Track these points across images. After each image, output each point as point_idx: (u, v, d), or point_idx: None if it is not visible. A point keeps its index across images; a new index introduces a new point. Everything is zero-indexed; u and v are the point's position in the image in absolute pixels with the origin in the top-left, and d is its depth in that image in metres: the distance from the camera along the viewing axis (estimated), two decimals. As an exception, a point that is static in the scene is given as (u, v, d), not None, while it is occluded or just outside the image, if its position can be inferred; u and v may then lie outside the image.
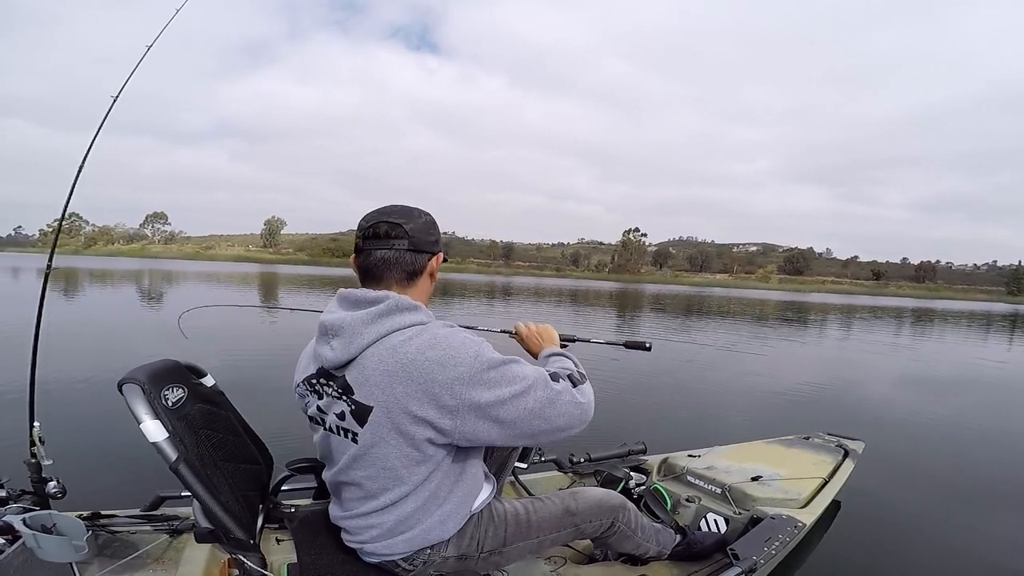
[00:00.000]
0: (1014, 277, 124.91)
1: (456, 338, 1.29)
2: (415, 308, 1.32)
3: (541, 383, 1.29)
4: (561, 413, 1.29)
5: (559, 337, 1.78)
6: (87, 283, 22.69)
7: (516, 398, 1.25)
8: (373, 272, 1.37)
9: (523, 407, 1.25)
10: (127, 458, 3.08)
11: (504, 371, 1.26)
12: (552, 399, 1.28)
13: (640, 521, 1.81)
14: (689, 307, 26.05)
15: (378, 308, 1.29)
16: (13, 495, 1.68)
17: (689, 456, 2.91)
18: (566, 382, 1.34)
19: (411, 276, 1.39)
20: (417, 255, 1.38)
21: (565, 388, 1.32)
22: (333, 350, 1.30)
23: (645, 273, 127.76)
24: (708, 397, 6.47)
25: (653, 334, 13.24)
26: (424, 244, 1.38)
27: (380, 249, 1.35)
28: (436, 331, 1.30)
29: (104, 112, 2.01)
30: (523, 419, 1.26)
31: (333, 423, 1.35)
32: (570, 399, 1.31)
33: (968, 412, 6.37)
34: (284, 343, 8.63)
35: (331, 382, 1.33)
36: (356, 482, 1.36)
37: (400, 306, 1.30)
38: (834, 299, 55.32)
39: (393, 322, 1.29)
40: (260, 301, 18.34)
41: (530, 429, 1.28)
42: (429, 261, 1.41)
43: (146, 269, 41.94)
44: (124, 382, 1.35)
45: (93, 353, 6.94)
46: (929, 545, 2.93)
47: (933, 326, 21.92)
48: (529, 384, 1.27)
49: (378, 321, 1.28)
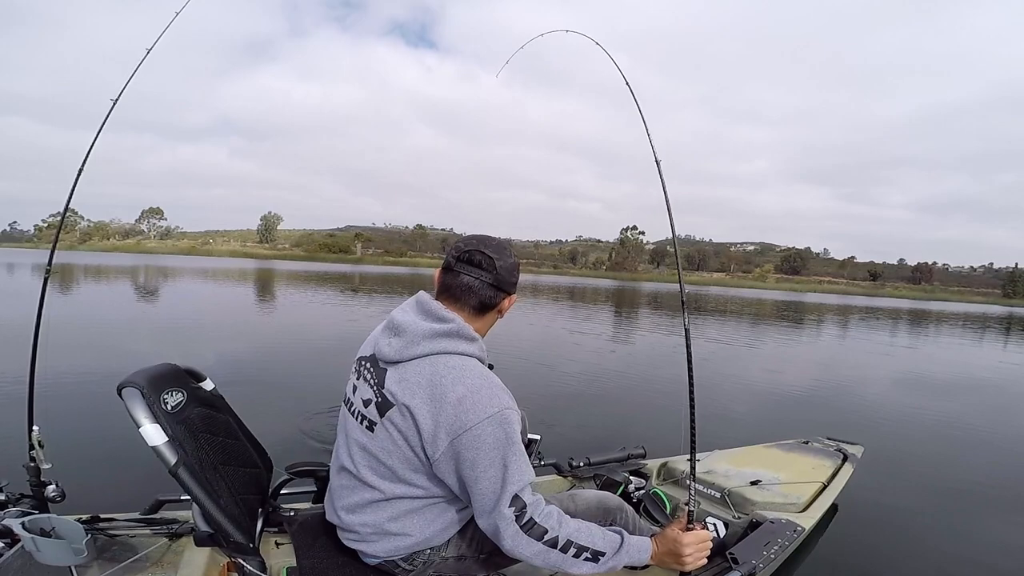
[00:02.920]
0: (1010, 279, 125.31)
1: (488, 389, 1.32)
2: (473, 340, 1.40)
3: (509, 491, 1.28)
4: (492, 526, 1.30)
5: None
6: (81, 279, 22.60)
7: (481, 479, 1.28)
8: (454, 292, 1.43)
9: (480, 488, 1.29)
10: (126, 461, 3.07)
11: (501, 454, 1.29)
12: (505, 517, 1.28)
13: (637, 524, 1.80)
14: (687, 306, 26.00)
15: (443, 327, 1.37)
16: (12, 499, 1.68)
17: (688, 460, 2.90)
18: (536, 519, 1.30)
19: (483, 308, 1.44)
20: (496, 291, 1.43)
21: (510, 522, 1.28)
22: (390, 346, 1.38)
23: (642, 271, 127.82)
24: (707, 401, 6.46)
25: (648, 334, 13.26)
26: (506, 284, 1.44)
27: (468, 275, 1.41)
28: (478, 371, 1.36)
29: (104, 113, 1.99)
30: (475, 495, 1.30)
31: (359, 408, 1.42)
32: (504, 527, 1.28)
33: (966, 416, 6.39)
34: (283, 347, 8.61)
35: (373, 370, 1.41)
36: (357, 471, 1.41)
37: (462, 333, 1.38)
38: (831, 299, 55.45)
39: (449, 345, 1.36)
40: (255, 298, 18.28)
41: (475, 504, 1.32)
42: (503, 300, 1.46)
43: (140, 265, 41.81)
44: (123, 386, 1.36)
45: (91, 354, 6.91)
46: (928, 549, 2.94)
47: (930, 328, 21.99)
48: (500, 481, 1.28)
49: (438, 340, 1.36)
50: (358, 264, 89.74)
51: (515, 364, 7.64)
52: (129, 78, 1.99)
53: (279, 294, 20.06)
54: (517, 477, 1.28)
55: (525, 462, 1.32)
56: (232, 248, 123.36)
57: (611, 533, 1.40)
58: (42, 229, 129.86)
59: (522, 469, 1.30)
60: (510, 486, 1.27)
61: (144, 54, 2.01)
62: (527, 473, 1.31)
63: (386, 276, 43.19)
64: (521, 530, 1.28)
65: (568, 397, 6.03)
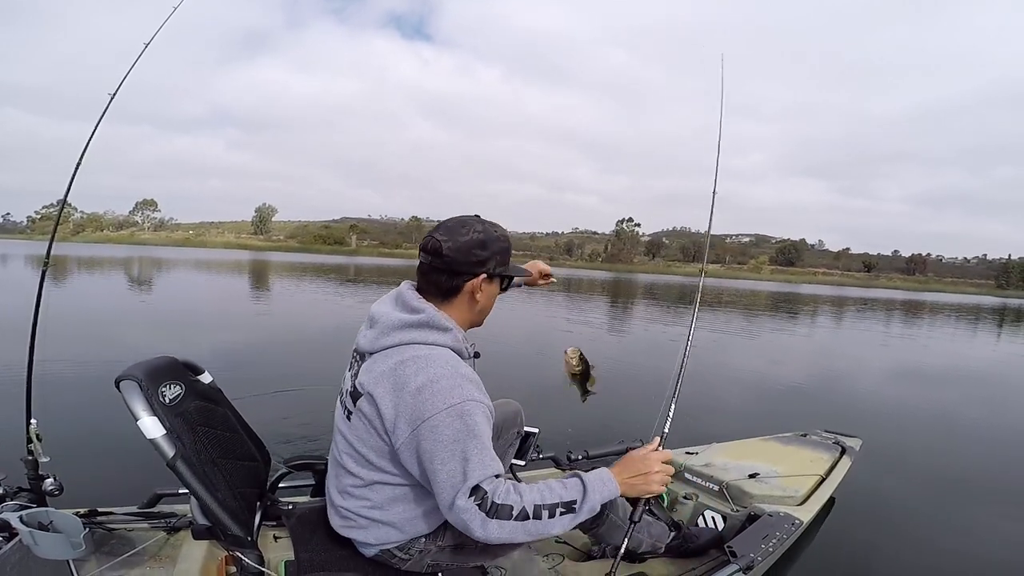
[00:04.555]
0: (1003, 271, 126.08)
1: (450, 380, 1.29)
2: (446, 329, 1.38)
3: (469, 485, 1.23)
4: (458, 520, 1.25)
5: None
6: (75, 271, 22.49)
7: (440, 472, 1.25)
8: (420, 282, 1.45)
9: (440, 481, 1.26)
10: (124, 455, 3.05)
11: (461, 446, 1.25)
12: (464, 509, 1.23)
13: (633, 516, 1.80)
14: (681, 297, 26.13)
15: (413, 318, 1.37)
16: (10, 492, 1.67)
17: (687, 453, 2.91)
18: (498, 501, 1.24)
19: (446, 294, 1.42)
20: (452, 276, 1.40)
21: (474, 513, 1.23)
22: (366, 337, 1.40)
23: (638, 263, 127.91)
24: (705, 394, 6.48)
25: (646, 326, 13.28)
26: (460, 265, 1.39)
27: (423, 263, 1.42)
28: (442, 361, 1.32)
29: (102, 107, 1.97)
30: (436, 489, 1.27)
31: (344, 397, 1.45)
32: (469, 519, 1.24)
33: (963, 407, 6.44)
34: (280, 338, 8.60)
35: (356, 360, 1.43)
36: (340, 458, 1.44)
37: (432, 323, 1.37)
38: (825, 291, 55.64)
39: (419, 335, 1.35)
40: (249, 290, 18.24)
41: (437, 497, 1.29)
42: (467, 283, 1.41)
43: (135, 256, 41.62)
44: (122, 379, 1.35)
45: (88, 347, 6.88)
46: (925, 541, 2.96)
47: (924, 319, 22.09)
48: (461, 474, 1.24)
49: (407, 330, 1.36)
50: (353, 256, 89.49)
51: (512, 355, 7.65)
52: (127, 72, 1.97)
53: (273, 285, 20.01)
54: (479, 471, 1.24)
55: (490, 457, 1.28)
56: (226, 240, 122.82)
57: (569, 479, 1.36)
58: (35, 221, 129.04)
59: (485, 463, 1.26)
60: (470, 480, 1.24)
61: (142, 48, 1.99)
62: (491, 467, 1.27)
63: (381, 268, 43.09)
64: (488, 516, 1.23)
65: (566, 389, 6.02)
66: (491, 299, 1.49)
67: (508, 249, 1.46)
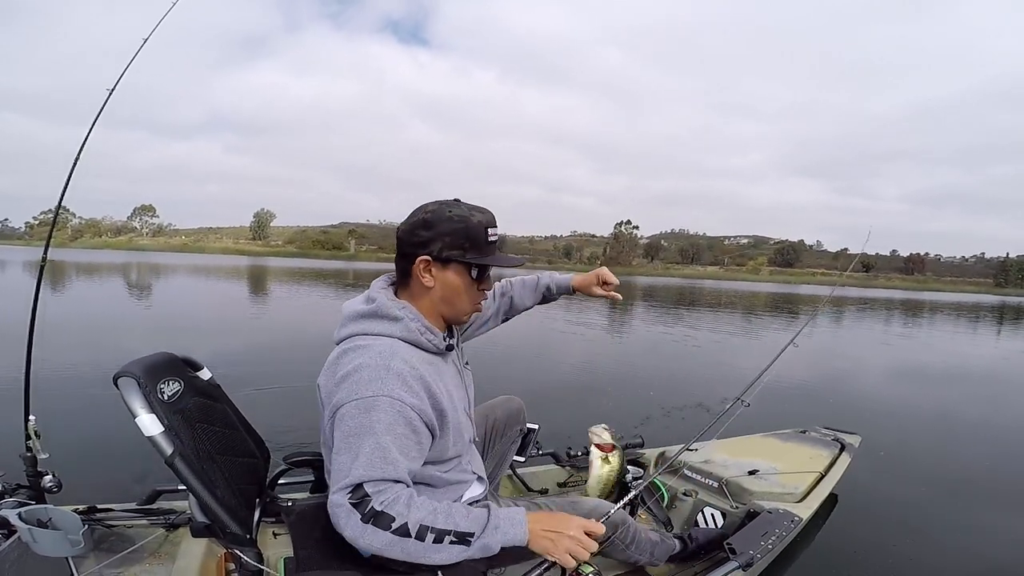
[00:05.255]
0: (1001, 269, 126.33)
1: (373, 371, 1.23)
2: (395, 319, 1.33)
3: (351, 482, 1.17)
4: (333, 515, 1.20)
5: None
6: (73, 277, 22.46)
7: (335, 462, 1.22)
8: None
9: (332, 471, 1.23)
10: (123, 452, 3.05)
11: (357, 441, 1.19)
12: (338, 504, 1.18)
13: (638, 537, 1.77)
14: (680, 299, 26.14)
15: (365, 308, 1.36)
16: (9, 489, 1.68)
17: (686, 450, 2.90)
18: (378, 508, 1.15)
19: (401, 279, 1.40)
20: (401, 258, 1.37)
21: (348, 512, 1.16)
22: (336, 332, 1.39)
23: (636, 265, 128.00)
24: (704, 391, 6.49)
25: (646, 326, 13.28)
26: (405, 246, 1.35)
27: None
28: (376, 352, 1.27)
29: (100, 105, 1.98)
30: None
31: None
32: (342, 517, 1.17)
33: (962, 405, 6.42)
34: (282, 339, 8.59)
35: None
36: (322, 450, 1.43)
37: (379, 313, 1.34)
38: (824, 291, 55.66)
39: (366, 326, 1.33)
40: (249, 295, 18.23)
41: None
42: (411, 265, 1.34)
43: (133, 262, 41.57)
44: (120, 376, 1.34)
45: (86, 347, 6.88)
46: (925, 538, 2.94)
47: (923, 318, 22.10)
48: (347, 470, 1.18)
49: (357, 321, 1.35)
50: (351, 261, 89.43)
51: (512, 355, 7.65)
52: (126, 67, 1.97)
53: (273, 290, 20.00)
54: (365, 471, 1.16)
55: (386, 459, 1.18)
56: (225, 245, 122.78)
57: (477, 510, 1.25)
58: (33, 227, 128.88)
59: (375, 463, 1.17)
60: (352, 477, 1.16)
61: (141, 43, 1.99)
62: (382, 469, 1.17)
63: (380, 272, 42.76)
64: (363, 521, 1.15)
65: (566, 387, 6.04)
66: (452, 289, 1.36)
67: (461, 230, 1.31)
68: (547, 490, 2.63)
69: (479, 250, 1.34)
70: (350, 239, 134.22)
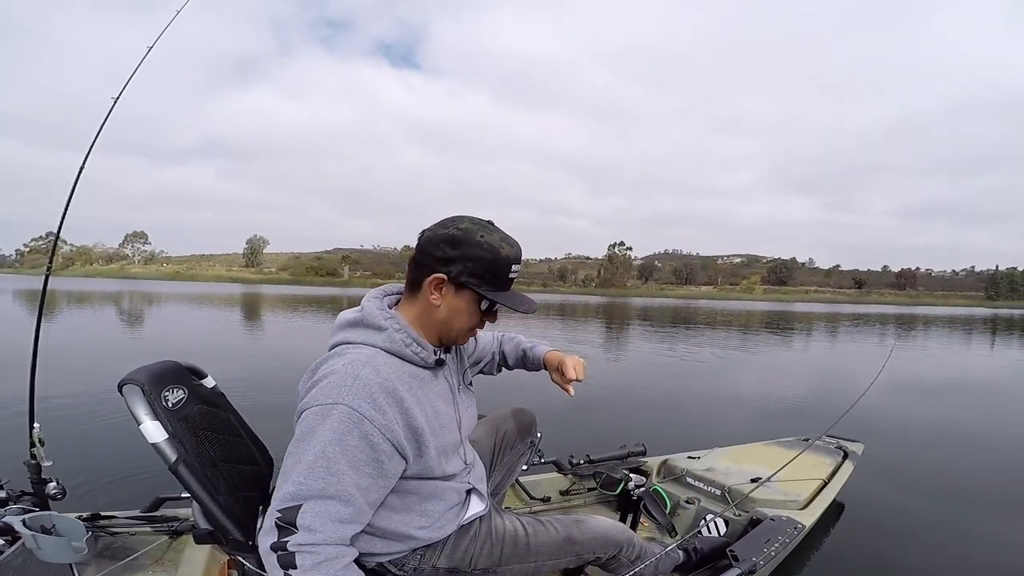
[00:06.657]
0: (992, 282, 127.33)
1: (343, 379, 1.18)
2: (379, 329, 1.27)
3: (283, 493, 1.11)
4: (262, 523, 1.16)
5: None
6: (64, 306, 22.33)
7: (284, 464, 1.17)
8: None
9: (283, 466, 1.17)
10: (127, 459, 3.03)
11: (305, 446, 1.13)
12: (269, 515, 1.13)
13: (644, 554, 1.74)
14: (676, 318, 26.21)
15: (351, 317, 1.33)
16: (13, 496, 1.68)
17: (689, 458, 2.90)
18: (292, 548, 1.08)
19: (411, 286, 1.32)
20: (418, 267, 1.29)
21: (267, 540, 1.11)
22: (329, 341, 1.36)
23: (631, 287, 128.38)
24: (707, 400, 6.50)
25: (645, 343, 13.28)
26: (424, 256, 1.28)
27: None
28: (350, 359, 1.22)
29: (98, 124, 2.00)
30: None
31: None
32: (264, 543, 1.12)
33: (962, 414, 6.43)
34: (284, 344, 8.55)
35: None
36: None
37: (365, 322, 1.30)
38: (818, 308, 55.89)
39: (352, 335, 1.29)
40: (242, 324, 18.17)
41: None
42: (426, 277, 1.27)
43: (124, 291, 41.35)
44: (124, 383, 1.35)
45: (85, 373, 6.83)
46: (928, 546, 2.92)
47: (918, 332, 22.19)
48: (284, 475, 1.14)
49: (344, 330, 1.32)
50: (346, 287, 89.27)
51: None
52: (131, 75, 2.00)
53: (268, 316, 19.95)
54: (305, 480, 1.10)
55: (329, 471, 1.11)
56: (218, 273, 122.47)
57: None
58: (24, 254, 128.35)
59: (315, 472, 1.10)
60: (285, 488, 1.11)
61: (145, 52, 2.02)
62: (327, 481, 1.11)
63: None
64: (272, 550, 1.09)
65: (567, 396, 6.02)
66: (457, 313, 1.30)
67: (487, 261, 1.25)
68: (549, 498, 2.62)
69: (497, 284, 1.29)
70: (344, 265, 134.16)
